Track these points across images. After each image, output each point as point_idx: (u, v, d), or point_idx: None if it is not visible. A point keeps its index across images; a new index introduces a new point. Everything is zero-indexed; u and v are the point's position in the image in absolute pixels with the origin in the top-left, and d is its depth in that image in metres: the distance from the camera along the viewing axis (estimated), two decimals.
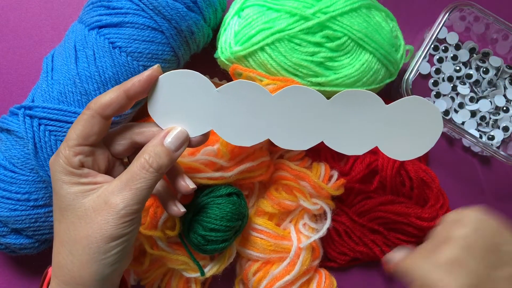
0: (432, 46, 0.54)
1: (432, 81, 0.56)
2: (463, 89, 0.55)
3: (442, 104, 0.55)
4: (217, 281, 0.49)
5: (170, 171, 0.38)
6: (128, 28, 0.42)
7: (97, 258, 0.32)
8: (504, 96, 0.55)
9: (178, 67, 0.47)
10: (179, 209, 0.38)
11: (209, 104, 0.36)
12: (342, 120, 0.37)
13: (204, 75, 0.53)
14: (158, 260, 0.45)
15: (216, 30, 0.50)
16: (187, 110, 0.36)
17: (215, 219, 0.41)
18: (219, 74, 0.53)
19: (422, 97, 0.37)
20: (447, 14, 0.50)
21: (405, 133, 0.37)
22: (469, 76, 0.55)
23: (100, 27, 0.42)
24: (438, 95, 0.55)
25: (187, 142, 0.36)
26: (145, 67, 0.43)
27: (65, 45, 0.43)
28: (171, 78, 0.35)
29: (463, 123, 0.55)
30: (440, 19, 0.50)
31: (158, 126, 0.36)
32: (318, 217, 0.49)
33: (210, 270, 0.44)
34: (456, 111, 0.55)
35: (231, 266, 0.48)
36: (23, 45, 0.53)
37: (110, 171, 0.37)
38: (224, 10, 0.50)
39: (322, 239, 0.50)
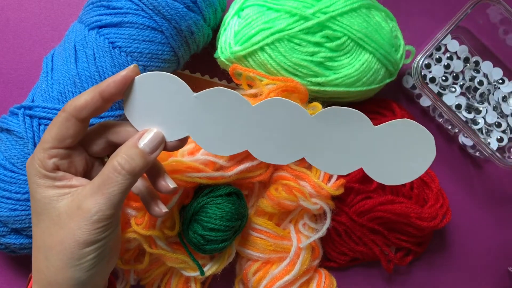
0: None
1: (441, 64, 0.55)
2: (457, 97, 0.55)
3: (450, 97, 0.54)
4: (217, 281, 0.49)
5: (151, 171, 0.37)
6: (128, 28, 0.42)
7: (72, 263, 0.31)
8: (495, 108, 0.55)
9: (178, 67, 0.47)
10: (161, 209, 0.37)
11: (187, 109, 0.35)
12: (325, 138, 0.35)
13: (204, 75, 0.53)
14: (158, 259, 0.45)
15: (216, 30, 0.50)
16: (164, 113, 0.35)
17: (214, 218, 0.41)
18: (219, 74, 0.53)
19: (414, 121, 0.35)
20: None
21: (393, 157, 0.35)
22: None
23: (100, 27, 0.42)
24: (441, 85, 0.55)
25: (162, 144, 0.35)
26: (145, 67, 0.43)
27: (65, 45, 0.43)
28: (148, 79, 0.34)
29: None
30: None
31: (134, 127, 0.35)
32: (318, 217, 0.49)
33: (210, 269, 0.44)
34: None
35: (231, 266, 0.48)
36: (23, 45, 0.54)
37: (89, 172, 0.36)
38: (224, 10, 0.50)
39: (322, 239, 0.50)
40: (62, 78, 0.42)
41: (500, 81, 0.55)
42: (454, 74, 0.55)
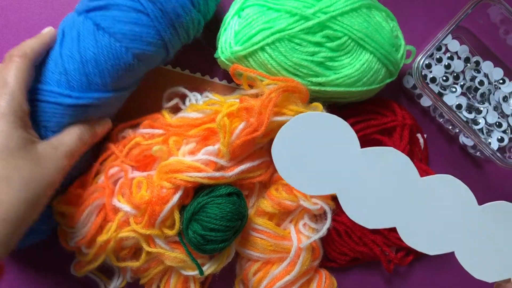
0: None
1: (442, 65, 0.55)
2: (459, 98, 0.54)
3: (451, 98, 0.55)
4: (217, 281, 0.49)
5: None
6: (113, 11, 0.42)
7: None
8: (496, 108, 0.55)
9: (167, 55, 0.45)
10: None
11: (346, 164, 0.30)
12: (426, 205, 0.30)
13: (204, 75, 0.53)
14: (156, 258, 0.45)
15: (213, 26, 0.49)
16: (318, 163, 0.30)
17: (214, 218, 0.41)
18: (220, 74, 0.53)
19: None
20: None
21: (495, 246, 0.30)
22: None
23: (88, 11, 0.42)
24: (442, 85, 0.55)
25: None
26: (127, 49, 0.42)
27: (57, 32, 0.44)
28: (314, 120, 0.30)
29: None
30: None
31: None
32: (318, 217, 0.49)
33: (208, 269, 0.44)
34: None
35: (231, 266, 0.48)
36: None
37: None
38: (219, 2, 0.49)
39: (322, 239, 0.49)
40: (46, 59, 0.42)
41: (501, 81, 0.55)
42: (455, 74, 0.55)
